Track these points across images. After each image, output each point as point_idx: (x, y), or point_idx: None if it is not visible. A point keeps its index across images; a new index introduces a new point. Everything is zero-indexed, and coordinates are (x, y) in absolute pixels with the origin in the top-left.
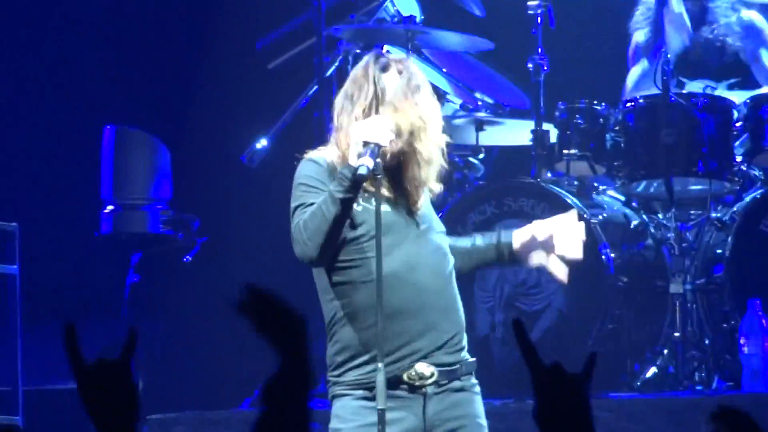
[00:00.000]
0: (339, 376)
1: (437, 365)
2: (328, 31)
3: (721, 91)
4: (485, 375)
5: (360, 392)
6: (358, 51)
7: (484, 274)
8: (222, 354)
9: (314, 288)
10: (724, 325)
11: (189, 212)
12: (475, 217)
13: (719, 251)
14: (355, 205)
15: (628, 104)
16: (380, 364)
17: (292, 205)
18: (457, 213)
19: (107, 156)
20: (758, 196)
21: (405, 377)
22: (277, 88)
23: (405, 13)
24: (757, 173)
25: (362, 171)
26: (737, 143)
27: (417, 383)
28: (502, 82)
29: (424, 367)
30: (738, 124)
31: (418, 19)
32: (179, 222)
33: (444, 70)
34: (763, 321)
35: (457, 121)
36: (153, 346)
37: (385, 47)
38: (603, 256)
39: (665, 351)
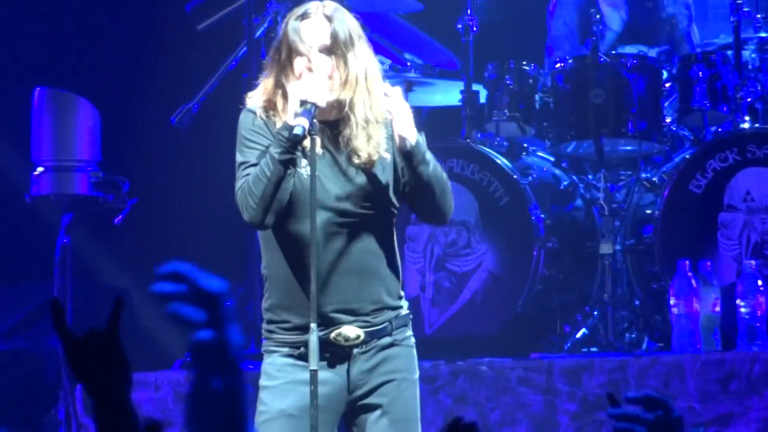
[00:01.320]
0: (270, 332)
1: (364, 326)
2: None
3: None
4: (415, 336)
5: (286, 350)
6: (287, 12)
7: (413, 235)
8: (152, 316)
9: (244, 247)
10: (654, 286)
11: (119, 174)
12: None
13: (649, 212)
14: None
15: (557, 65)
16: (313, 324)
17: (236, 160)
18: None
19: (37, 118)
20: (687, 157)
21: (331, 338)
22: (206, 49)
23: None
24: (686, 133)
25: (297, 131)
26: (667, 103)
27: (342, 344)
28: (432, 43)
29: (349, 330)
30: (667, 85)
31: None
32: (109, 184)
33: (372, 31)
34: (693, 281)
35: (388, 82)
36: (82, 308)
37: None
38: (533, 218)
39: (595, 312)
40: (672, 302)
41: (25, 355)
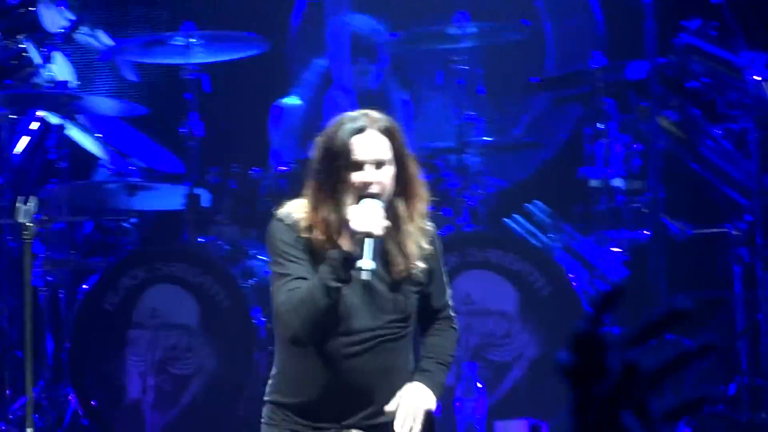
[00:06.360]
0: (270, 419)
1: None
2: None
3: None
4: None
5: None
6: (13, 117)
7: (138, 338)
8: None
9: None
10: None
11: None
12: (127, 281)
13: None
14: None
15: (280, 168)
16: None
17: (274, 270)
18: (109, 278)
19: None
20: None
21: None
22: None
23: (60, 78)
24: None
25: (366, 276)
26: None
27: None
28: (156, 147)
29: None
30: None
31: (72, 84)
32: None
33: (99, 135)
34: None
35: (110, 186)
36: None
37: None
38: (254, 321)
39: None
40: None
41: None
